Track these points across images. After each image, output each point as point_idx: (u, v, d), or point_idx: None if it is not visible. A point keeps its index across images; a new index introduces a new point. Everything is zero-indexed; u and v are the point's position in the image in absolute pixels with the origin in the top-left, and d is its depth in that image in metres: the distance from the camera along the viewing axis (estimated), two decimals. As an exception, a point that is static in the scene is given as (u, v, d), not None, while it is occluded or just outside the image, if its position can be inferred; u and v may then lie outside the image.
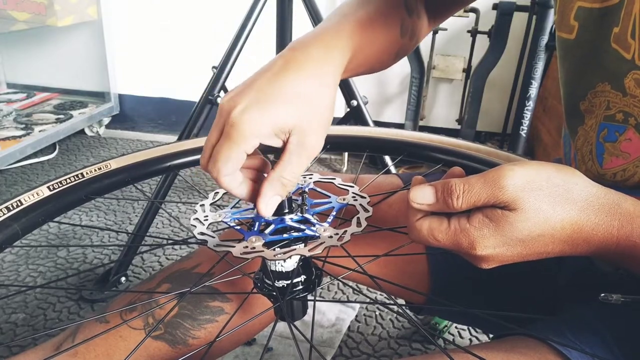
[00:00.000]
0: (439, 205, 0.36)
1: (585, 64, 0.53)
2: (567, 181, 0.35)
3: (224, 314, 0.54)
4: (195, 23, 2.03)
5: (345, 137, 0.66)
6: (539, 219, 0.34)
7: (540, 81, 1.52)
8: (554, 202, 0.34)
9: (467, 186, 0.35)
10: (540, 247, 0.35)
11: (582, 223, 0.35)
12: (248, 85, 0.40)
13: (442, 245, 0.37)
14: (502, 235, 0.34)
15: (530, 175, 0.35)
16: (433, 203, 0.37)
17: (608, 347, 0.43)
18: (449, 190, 0.36)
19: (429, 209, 0.37)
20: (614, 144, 0.50)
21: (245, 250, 0.37)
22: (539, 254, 0.36)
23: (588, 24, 0.52)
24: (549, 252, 0.36)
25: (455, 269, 0.60)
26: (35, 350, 0.51)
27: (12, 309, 1.12)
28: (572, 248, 0.36)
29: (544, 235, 0.35)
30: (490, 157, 0.59)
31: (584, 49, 0.53)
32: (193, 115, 1.21)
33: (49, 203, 0.50)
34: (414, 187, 0.38)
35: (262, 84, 0.40)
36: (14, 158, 1.67)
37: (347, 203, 0.45)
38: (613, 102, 0.50)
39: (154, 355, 0.52)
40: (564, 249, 0.36)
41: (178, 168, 0.60)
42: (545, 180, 0.35)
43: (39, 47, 2.17)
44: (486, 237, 0.35)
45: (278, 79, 0.40)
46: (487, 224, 0.35)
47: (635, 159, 0.49)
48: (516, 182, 0.34)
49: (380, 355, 1.03)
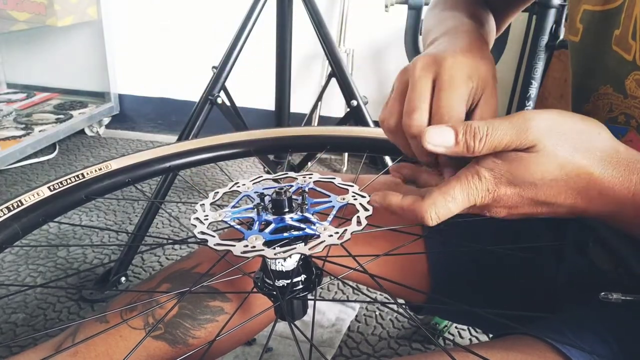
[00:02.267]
0: (459, 148, 0.35)
1: (588, 66, 0.53)
2: (591, 131, 0.35)
3: (224, 313, 0.54)
4: (195, 23, 2.03)
5: (345, 137, 0.66)
6: (554, 163, 0.33)
7: (540, 81, 1.52)
8: (573, 148, 0.34)
9: (491, 128, 0.34)
10: (553, 195, 0.34)
11: (599, 174, 0.34)
12: None
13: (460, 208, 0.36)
14: (513, 174, 0.34)
15: (555, 119, 0.34)
16: (452, 146, 0.35)
17: (608, 345, 0.44)
18: (472, 131, 0.34)
19: (447, 152, 0.35)
20: None
21: (246, 249, 0.37)
22: (550, 204, 0.35)
23: (591, 26, 0.52)
24: (561, 203, 0.35)
25: (455, 268, 0.60)
26: (35, 350, 0.51)
27: (12, 309, 1.12)
28: (585, 201, 0.35)
29: (557, 180, 0.34)
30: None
31: (588, 51, 0.53)
32: (193, 115, 1.21)
33: (49, 203, 0.50)
34: (430, 127, 0.36)
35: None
36: (14, 158, 1.67)
37: (347, 202, 0.45)
38: (615, 104, 0.50)
39: (154, 355, 0.52)
40: (576, 201, 0.35)
41: (178, 168, 0.60)
42: (569, 126, 0.34)
43: (39, 47, 2.16)
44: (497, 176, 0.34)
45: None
46: (498, 164, 0.34)
47: None
48: (540, 124, 0.34)
49: (380, 355, 1.03)
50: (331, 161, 2.05)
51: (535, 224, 0.61)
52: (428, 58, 0.42)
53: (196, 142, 0.62)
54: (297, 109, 1.81)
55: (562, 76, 1.64)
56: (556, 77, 1.71)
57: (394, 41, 1.90)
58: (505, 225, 0.61)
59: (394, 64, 1.96)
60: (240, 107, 1.40)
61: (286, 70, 1.39)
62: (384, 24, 1.86)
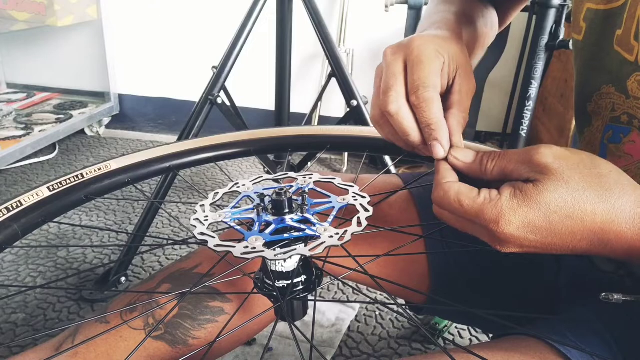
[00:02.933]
0: (475, 165, 0.38)
1: (591, 66, 0.53)
2: (602, 168, 0.34)
3: (224, 314, 0.54)
4: (195, 23, 2.02)
5: (345, 137, 0.66)
6: (570, 196, 0.33)
7: (540, 81, 1.51)
8: (587, 184, 0.33)
9: (503, 153, 0.37)
10: (567, 234, 0.33)
11: (615, 214, 0.33)
12: None
13: (463, 212, 0.36)
14: (530, 208, 0.33)
15: (566, 152, 0.35)
16: (470, 162, 0.38)
17: (608, 346, 0.43)
18: (487, 154, 0.38)
19: (464, 167, 0.39)
20: (618, 145, 0.50)
21: (246, 250, 0.37)
22: (563, 245, 0.34)
23: (594, 25, 0.52)
24: (576, 245, 0.34)
25: (456, 268, 0.60)
26: (35, 351, 0.51)
27: (12, 309, 1.12)
28: (601, 244, 0.34)
29: (573, 218, 0.33)
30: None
31: (590, 50, 0.53)
32: (193, 115, 1.21)
33: (49, 203, 0.49)
34: (457, 148, 0.40)
35: None
36: (14, 158, 1.67)
37: (347, 203, 0.45)
38: (617, 104, 0.50)
39: (154, 355, 0.51)
40: (592, 244, 0.34)
41: (178, 168, 0.60)
42: (580, 161, 0.34)
43: (39, 47, 2.16)
44: (514, 210, 0.33)
45: None
46: (517, 195, 0.34)
47: (638, 160, 0.49)
48: (552, 152, 0.34)
49: (380, 355, 1.03)
50: (331, 161, 2.04)
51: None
52: (396, 45, 0.44)
53: (196, 142, 0.62)
54: (297, 109, 1.81)
55: (562, 76, 1.64)
56: (556, 77, 1.70)
57: (394, 41, 1.89)
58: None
59: (394, 64, 1.95)
60: (240, 107, 1.40)
61: (286, 70, 1.39)
62: (384, 24, 1.86)
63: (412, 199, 0.62)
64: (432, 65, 0.41)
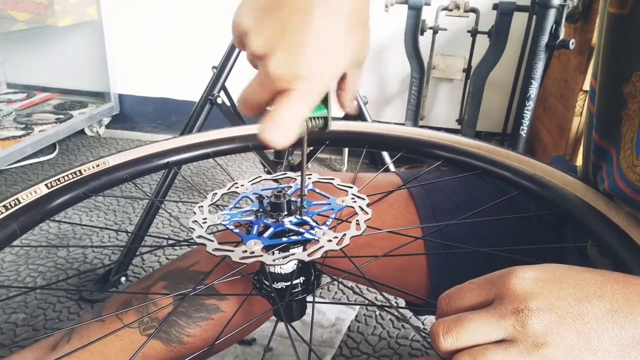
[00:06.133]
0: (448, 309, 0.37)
1: (634, 42, 0.47)
2: (575, 272, 0.34)
3: (219, 311, 0.54)
4: (195, 23, 2.02)
5: (344, 132, 0.66)
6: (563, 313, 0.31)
7: (540, 81, 1.51)
8: (578, 297, 0.32)
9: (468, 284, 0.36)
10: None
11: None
12: None
13: None
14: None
15: (535, 268, 0.34)
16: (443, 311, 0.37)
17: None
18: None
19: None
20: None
21: (244, 255, 0.37)
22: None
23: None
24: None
25: (455, 269, 0.60)
26: (31, 349, 0.51)
27: (12, 309, 1.12)
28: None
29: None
30: (490, 155, 0.58)
31: (637, 24, 0.46)
32: (193, 115, 1.21)
33: (47, 201, 0.49)
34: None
35: None
36: (14, 158, 1.67)
37: (346, 205, 0.45)
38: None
39: (148, 354, 0.51)
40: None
41: (176, 164, 0.59)
42: (553, 274, 0.33)
43: (39, 47, 2.16)
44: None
45: None
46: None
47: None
48: (524, 274, 0.34)
49: (380, 355, 1.03)
50: (331, 161, 2.04)
51: (535, 225, 0.61)
52: None
53: (193, 137, 0.62)
54: (297, 108, 1.81)
55: (562, 76, 1.64)
56: (556, 77, 1.70)
57: (394, 41, 1.90)
58: (505, 227, 0.61)
59: (393, 64, 1.95)
60: (240, 107, 1.39)
61: (286, 70, 1.39)
62: (384, 24, 1.85)
63: (412, 198, 0.62)
64: None
